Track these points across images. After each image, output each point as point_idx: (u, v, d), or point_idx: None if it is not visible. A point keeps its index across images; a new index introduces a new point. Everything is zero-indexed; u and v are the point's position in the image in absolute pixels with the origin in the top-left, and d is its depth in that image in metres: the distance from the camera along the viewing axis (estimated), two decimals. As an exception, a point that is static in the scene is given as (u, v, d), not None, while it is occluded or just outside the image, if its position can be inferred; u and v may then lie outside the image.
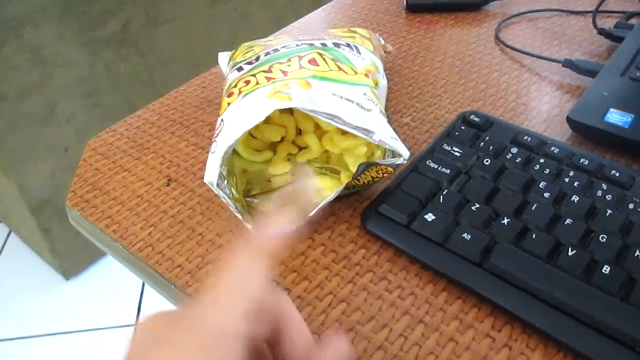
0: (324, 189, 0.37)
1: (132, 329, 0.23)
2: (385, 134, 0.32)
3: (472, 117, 0.40)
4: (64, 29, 1.05)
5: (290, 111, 0.39)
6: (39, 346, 1.23)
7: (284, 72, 0.35)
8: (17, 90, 1.03)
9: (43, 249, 1.30)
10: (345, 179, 0.37)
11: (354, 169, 0.37)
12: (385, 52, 0.48)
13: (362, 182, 0.35)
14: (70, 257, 1.31)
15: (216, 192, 0.32)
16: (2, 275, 1.40)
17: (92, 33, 1.10)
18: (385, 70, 0.44)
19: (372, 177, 0.35)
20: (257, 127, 0.34)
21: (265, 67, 0.36)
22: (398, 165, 0.33)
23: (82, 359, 1.20)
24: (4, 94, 1.01)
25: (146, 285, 1.33)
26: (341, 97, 0.33)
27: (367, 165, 0.33)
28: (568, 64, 0.50)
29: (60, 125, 1.13)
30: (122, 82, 1.20)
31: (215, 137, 0.33)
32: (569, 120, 0.42)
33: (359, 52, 0.41)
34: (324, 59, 0.37)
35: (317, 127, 0.40)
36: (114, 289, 1.34)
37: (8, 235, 1.50)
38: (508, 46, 0.54)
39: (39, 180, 1.14)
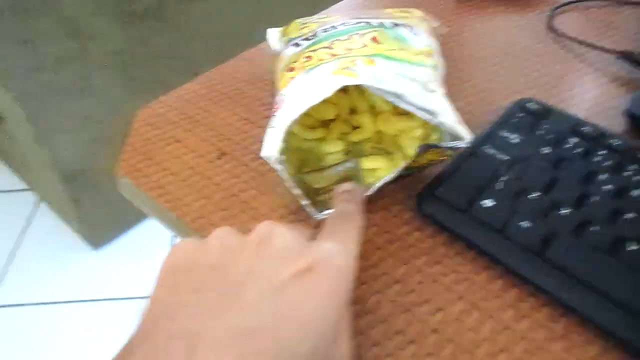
0: (377, 169, 0.37)
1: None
2: (449, 117, 0.32)
3: (529, 104, 0.40)
4: (101, 1, 1.05)
5: (345, 90, 0.39)
6: (66, 312, 1.26)
7: (348, 49, 0.34)
8: (54, 61, 1.04)
9: (72, 218, 1.32)
10: (400, 160, 0.37)
11: (409, 151, 0.37)
12: (439, 34, 0.47)
13: (418, 164, 0.34)
14: (99, 228, 1.33)
15: (274, 166, 0.32)
16: (32, 243, 1.42)
17: (129, 7, 1.10)
18: (439, 53, 0.44)
19: (429, 160, 0.34)
20: (312, 104, 0.34)
21: (326, 44, 0.36)
22: (458, 149, 0.33)
23: (106, 327, 1.23)
24: (41, 64, 1.02)
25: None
26: (405, 77, 0.32)
27: (427, 148, 0.33)
28: (624, 56, 0.48)
29: (94, 97, 1.14)
30: (156, 56, 1.20)
31: (275, 111, 0.33)
32: (627, 113, 0.41)
33: (416, 33, 0.40)
34: (385, 38, 0.36)
35: (372, 107, 0.39)
36: (140, 259, 1.36)
37: (38, 204, 1.52)
38: (561, 34, 0.53)
39: (71, 150, 1.16)
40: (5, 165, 1.61)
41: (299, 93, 0.32)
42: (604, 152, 0.36)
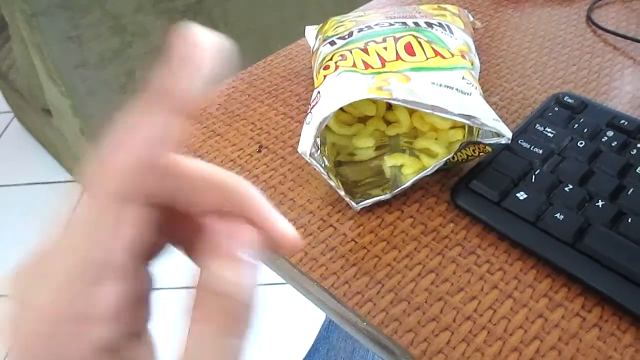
0: (403, 166, 0.38)
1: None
2: (487, 117, 0.33)
3: (565, 98, 0.40)
4: (144, -1, 1.09)
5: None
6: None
7: (382, 60, 0.35)
8: (98, 57, 1.08)
9: (114, 210, 1.37)
10: (427, 161, 0.37)
11: (438, 149, 0.37)
12: (473, 28, 0.47)
13: (456, 159, 0.35)
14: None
15: (309, 161, 0.33)
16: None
17: (170, 4, 1.13)
18: (475, 48, 0.44)
19: (468, 156, 0.35)
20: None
21: (361, 44, 0.37)
22: (499, 145, 0.33)
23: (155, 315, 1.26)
24: (86, 60, 1.06)
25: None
26: (440, 85, 0.33)
27: (467, 144, 0.33)
28: (666, 48, 0.48)
29: (135, 93, 1.17)
30: (195, 53, 1.23)
31: (311, 108, 0.34)
32: (667, 105, 0.40)
33: (451, 32, 0.40)
34: (419, 43, 0.37)
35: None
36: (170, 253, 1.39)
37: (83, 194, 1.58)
38: (601, 27, 0.52)
39: (115, 144, 1.20)
40: (53, 157, 1.68)
41: (333, 92, 0.34)
42: (641, 145, 0.36)
